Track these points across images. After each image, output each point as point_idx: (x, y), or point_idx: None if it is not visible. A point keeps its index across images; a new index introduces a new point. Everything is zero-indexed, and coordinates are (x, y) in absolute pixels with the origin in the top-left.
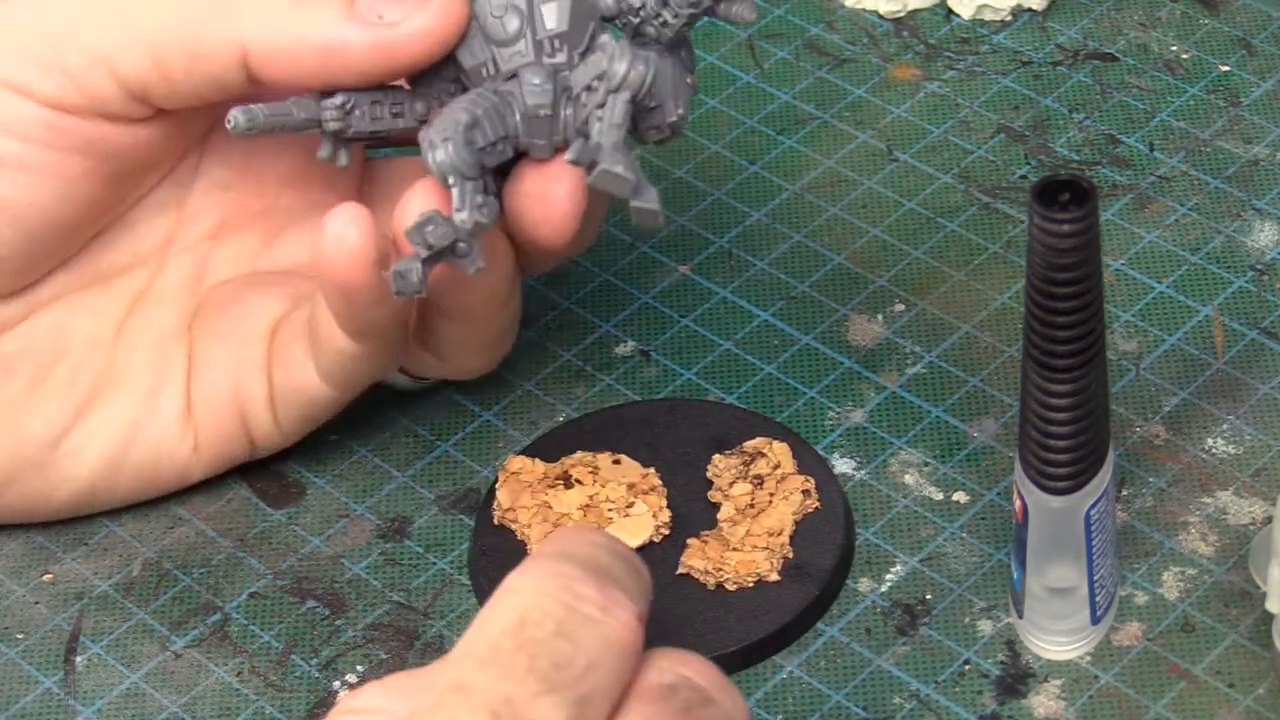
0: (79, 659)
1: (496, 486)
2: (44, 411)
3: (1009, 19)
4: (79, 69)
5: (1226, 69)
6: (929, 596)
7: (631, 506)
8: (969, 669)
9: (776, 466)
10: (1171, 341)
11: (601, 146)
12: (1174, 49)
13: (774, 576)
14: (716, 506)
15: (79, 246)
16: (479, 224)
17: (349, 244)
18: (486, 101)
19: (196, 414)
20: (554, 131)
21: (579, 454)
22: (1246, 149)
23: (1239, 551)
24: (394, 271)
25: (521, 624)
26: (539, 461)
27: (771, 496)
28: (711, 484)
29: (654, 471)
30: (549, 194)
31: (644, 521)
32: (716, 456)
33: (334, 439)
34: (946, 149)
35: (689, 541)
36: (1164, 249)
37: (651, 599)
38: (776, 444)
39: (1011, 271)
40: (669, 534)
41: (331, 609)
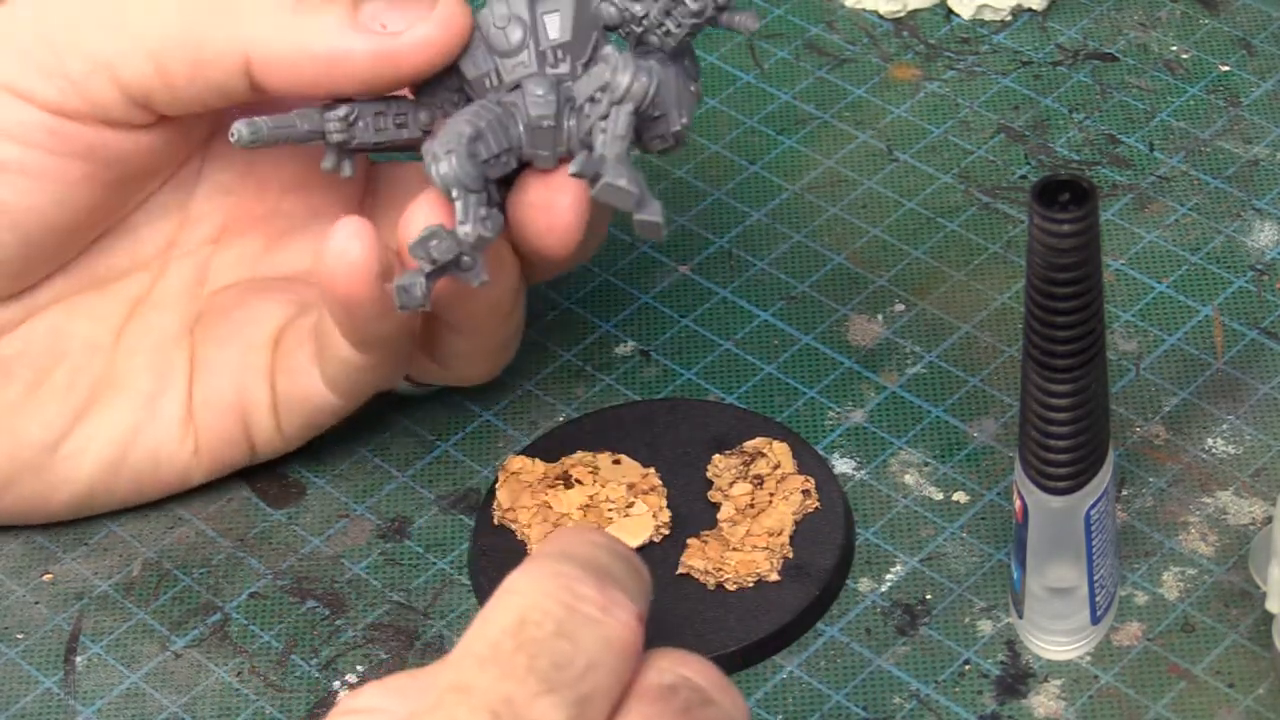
0: (79, 659)
1: (496, 486)
2: (42, 415)
3: (1009, 19)
4: (81, 74)
5: (1226, 69)
6: (929, 596)
7: (631, 506)
8: (969, 669)
9: (776, 466)
10: (1171, 341)
11: (605, 159)
12: (1174, 49)
13: (774, 576)
14: (716, 506)
15: (78, 251)
16: (482, 237)
17: (351, 258)
18: (490, 113)
19: (198, 419)
20: (557, 142)
21: (579, 454)
22: (1246, 149)
23: (1239, 551)
24: (398, 286)
25: (521, 624)
26: (539, 461)
27: (771, 496)
28: (711, 484)
29: (654, 471)
30: (553, 205)
31: (644, 521)
32: (716, 456)
33: (334, 439)
34: (946, 149)
35: (689, 541)
36: (1164, 249)
37: (651, 599)
38: (776, 444)
39: (1011, 271)
40: (669, 534)
41: (331, 609)
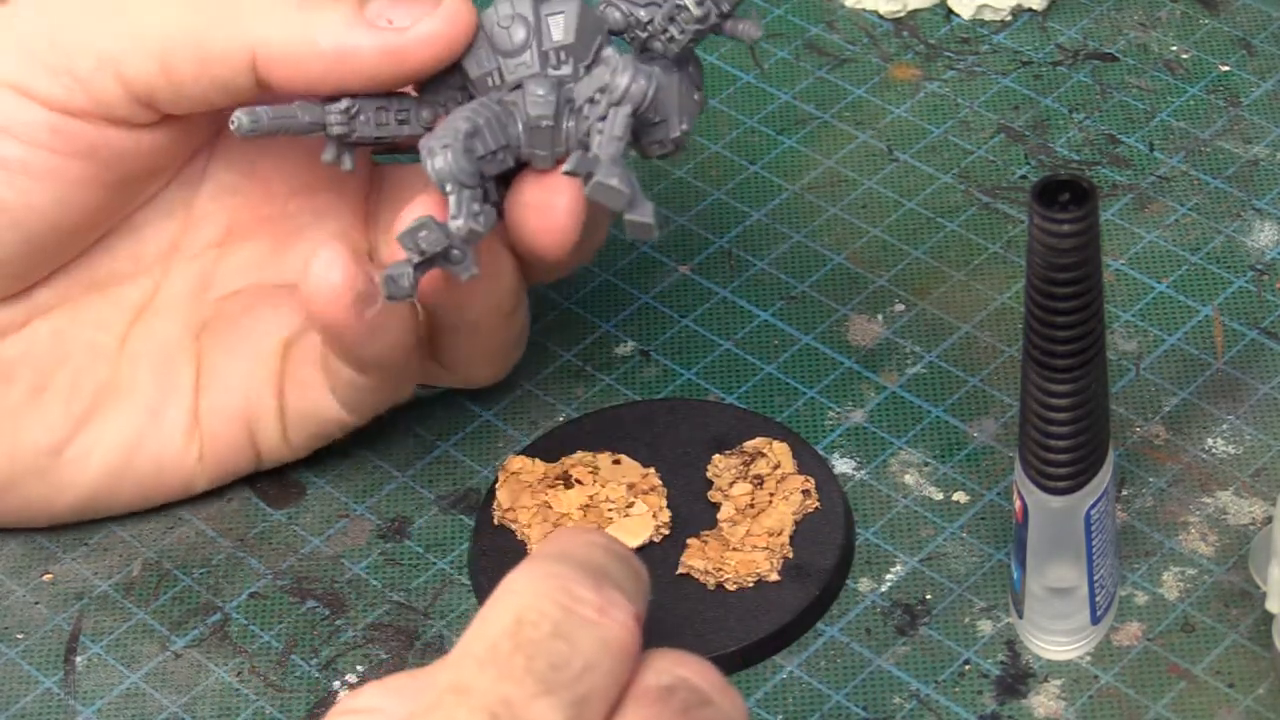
0: (79, 659)
1: (496, 486)
2: (45, 419)
3: (1009, 19)
4: (86, 72)
5: (1226, 69)
6: (929, 596)
7: (631, 506)
8: (969, 669)
9: (776, 466)
10: (1171, 341)
11: (599, 158)
12: (1174, 49)
13: (774, 576)
14: (716, 506)
15: (80, 251)
16: (474, 231)
17: (331, 283)
18: (489, 110)
19: (204, 428)
20: (555, 143)
21: (579, 454)
22: (1246, 149)
23: (1239, 551)
24: (385, 276)
25: (519, 625)
26: (539, 461)
27: (771, 496)
28: (711, 484)
29: (654, 471)
30: (548, 205)
31: (644, 521)
32: (716, 456)
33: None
34: (946, 149)
35: (689, 541)
36: (1164, 249)
37: (650, 599)
38: (776, 444)
39: (1011, 271)
40: (669, 534)
41: (331, 609)
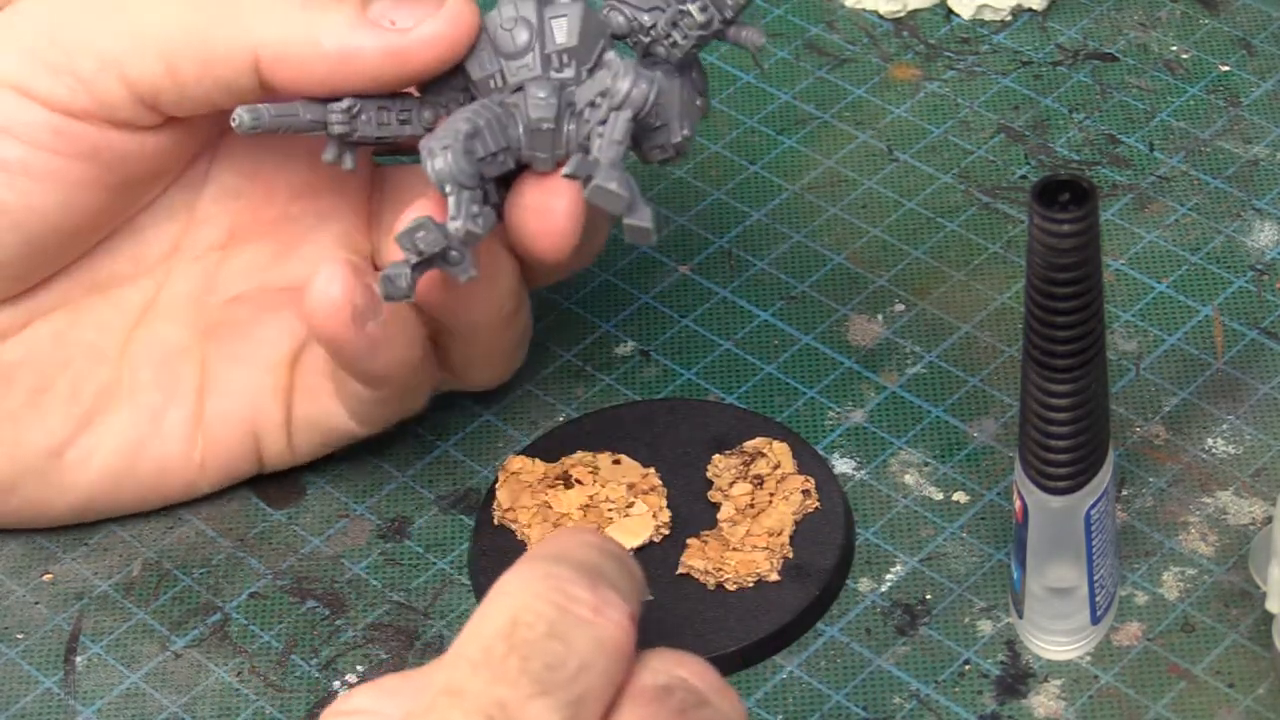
0: (79, 659)
1: (496, 486)
2: (46, 422)
3: (1009, 19)
4: (89, 73)
5: (1226, 69)
6: (929, 596)
7: (631, 506)
8: (969, 669)
9: (776, 466)
10: (1171, 341)
11: (599, 162)
12: (1174, 49)
13: (774, 576)
14: (716, 506)
15: (81, 253)
16: (471, 233)
17: (331, 296)
18: (489, 112)
19: (206, 434)
20: (556, 145)
21: (579, 454)
22: (1246, 149)
23: (1239, 551)
24: (383, 276)
25: (514, 625)
26: (539, 461)
27: (771, 496)
28: (711, 484)
29: (654, 471)
30: (548, 208)
31: (644, 521)
32: (716, 456)
33: None
34: (946, 149)
35: (689, 541)
36: (1164, 249)
37: (650, 599)
38: (776, 444)
39: (1011, 271)
40: (669, 534)
41: (331, 609)
